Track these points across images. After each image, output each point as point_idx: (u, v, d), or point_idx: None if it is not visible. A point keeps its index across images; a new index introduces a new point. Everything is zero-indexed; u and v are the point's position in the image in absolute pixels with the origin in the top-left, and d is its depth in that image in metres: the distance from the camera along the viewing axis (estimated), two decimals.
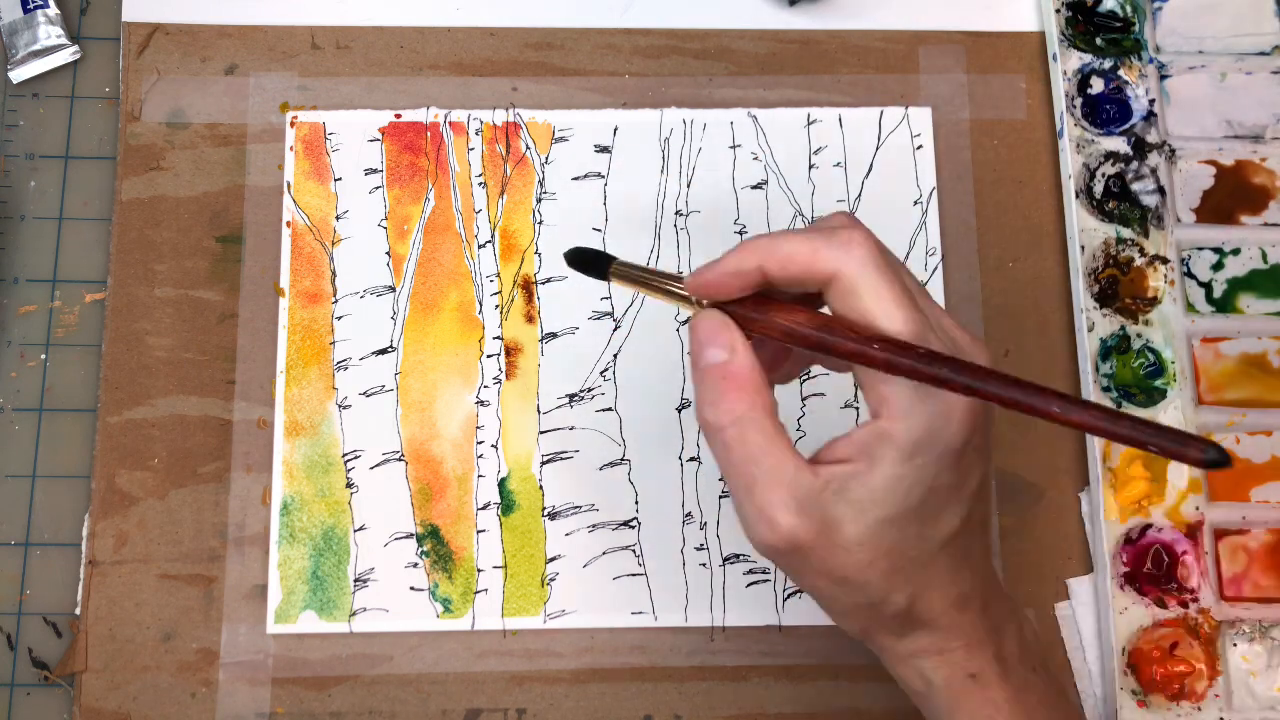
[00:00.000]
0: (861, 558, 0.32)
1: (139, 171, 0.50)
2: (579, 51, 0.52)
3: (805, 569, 0.33)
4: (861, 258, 0.32)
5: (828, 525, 0.32)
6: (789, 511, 0.32)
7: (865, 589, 0.33)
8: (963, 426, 0.32)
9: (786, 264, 0.32)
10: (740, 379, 0.33)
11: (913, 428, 0.31)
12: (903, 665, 0.36)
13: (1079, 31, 0.52)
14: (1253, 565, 0.47)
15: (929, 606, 0.34)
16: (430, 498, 0.48)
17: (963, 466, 0.32)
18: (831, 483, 0.32)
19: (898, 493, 0.32)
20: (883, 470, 0.32)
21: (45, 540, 0.47)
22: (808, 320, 0.33)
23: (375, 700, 0.46)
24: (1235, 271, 0.50)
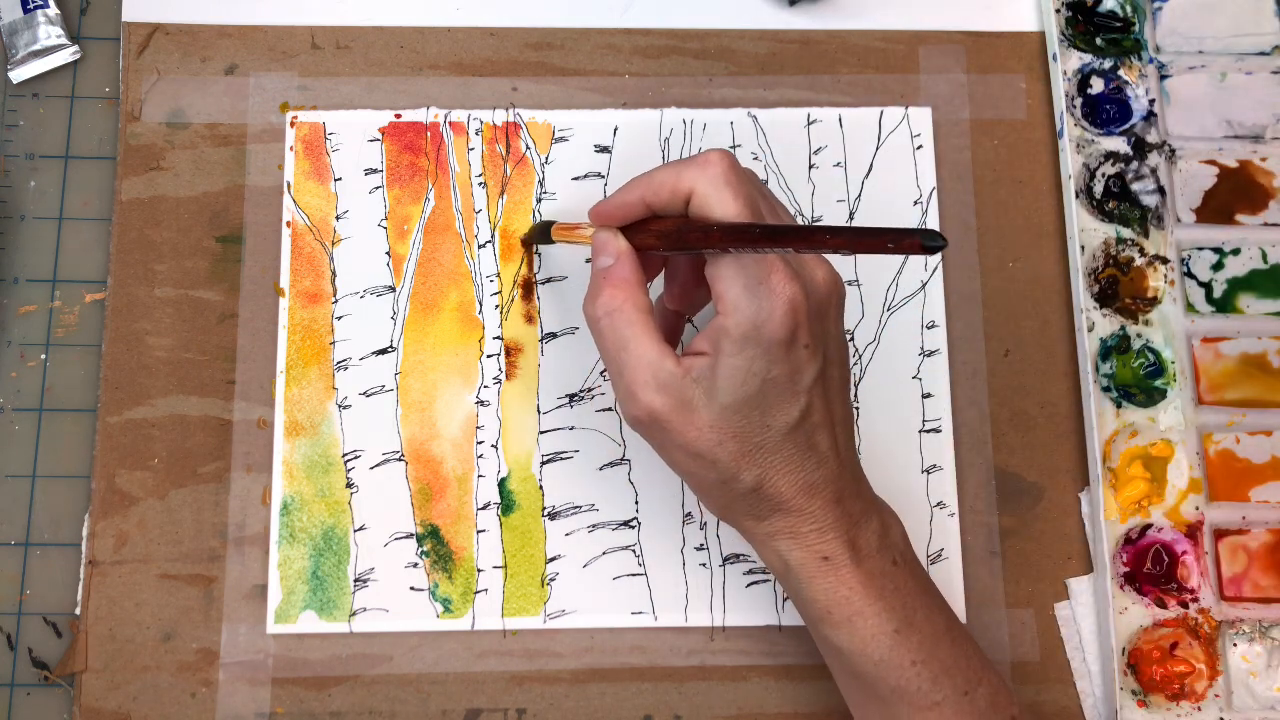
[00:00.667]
0: (712, 437, 0.38)
1: (139, 171, 0.50)
2: (579, 51, 0.52)
3: (666, 442, 0.39)
4: (713, 174, 0.37)
5: (683, 404, 0.37)
6: (650, 389, 0.38)
7: (716, 466, 0.38)
8: (784, 319, 0.36)
9: (659, 189, 0.39)
10: (616, 278, 0.39)
11: (740, 322, 0.36)
12: (763, 547, 0.40)
13: (1079, 31, 0.52)
14: (1253, 565, 0.47)
15: (777, 489, 0.38)
16: (430, 498, 0.48)
17: (792, 360, 0.37)
18: (690, 370, 0.38)
19: (735, 380, 0.37)
20: (723, 361, 0.37)
21: (45, 540, 0.47)
22: (671, 221, 0.39)
23: (375, 700, 0.46)
24: (1235, 271, 0.50)
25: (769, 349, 0.36)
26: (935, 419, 0.49)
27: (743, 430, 0.37)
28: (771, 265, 0.36)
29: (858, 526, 0.39)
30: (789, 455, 0.38)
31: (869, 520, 0.40)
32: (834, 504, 0.39)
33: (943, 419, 0.49)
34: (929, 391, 0.49)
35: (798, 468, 0.38)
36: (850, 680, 0.41)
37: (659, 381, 0.38)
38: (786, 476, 0.38)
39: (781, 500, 0.39)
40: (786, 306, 0.36)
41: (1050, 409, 0.50)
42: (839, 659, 0.40)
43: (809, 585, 0.39)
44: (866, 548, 0.39)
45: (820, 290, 0.38)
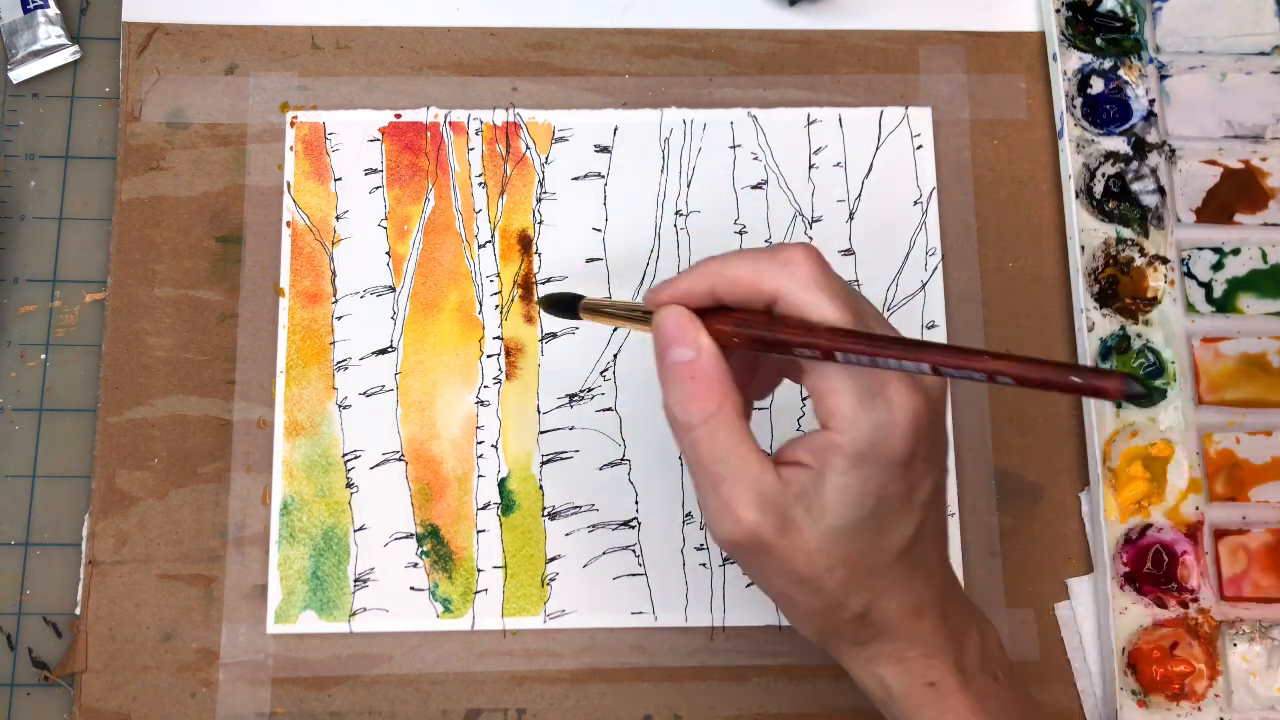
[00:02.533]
0: (820, 562, 0.33)
1: (139, 171, 0.50)
2: (579, 51, 0.52)
3: (767, 567, 0.34)
4: (803, 277, 0.33)
5: (788, 525, 0.33)
6: (752, 508, 0.33)
7: (822, 592, 0.34)
8: (906, 435, 0.32)
9: (734, 285, 0.34)
10: (708, 377, 0.33)
11: (858, 439, 0.32)
12: (863, 672, 0.37)
13: (1079, 31, 0.52)
14: (1253, 565, 0.47)
15: (885, 614, 0.35)
16: (430, 498, 0.48)
17: (911, 476, 0.33)
18: (791, 484, 0.33)
19: (849, 501, 0.33)
20: (833, 479, 0.33)
21: (45, 540, 0.47)
22: (758, 317, 0.34)
23: (375, 700, 0.46)
24: (1235, 271, 0.50)
25: (886, 467, 0.32)
26: None
27: (853, 553, 0.33)
28: (887, 376, 0.32)
29: (961, 645, 0.36)
30: (899, 576, 0.34)
31: (970, 634, 0.37)
32: (941, 623, 0.35)
33: None
34: None
35: (906, 588, 0.35)
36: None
37: (762, 498, 0.33)
38: (895, 599, 0.35)
39: (889, 625, 0.35)
40: (910, 423, 0.32)
41: (1050, 409, 0.50)
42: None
43: (916, 714, 0.36)
44: (971, 667, 0.36)
45: (935, 393, 0.34)
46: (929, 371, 0.30)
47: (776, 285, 0.33)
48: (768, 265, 0.33)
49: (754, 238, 0.50)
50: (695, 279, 0.34)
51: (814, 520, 0.33)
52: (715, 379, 0.33)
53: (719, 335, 0.34)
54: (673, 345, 0.34)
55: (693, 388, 0.34)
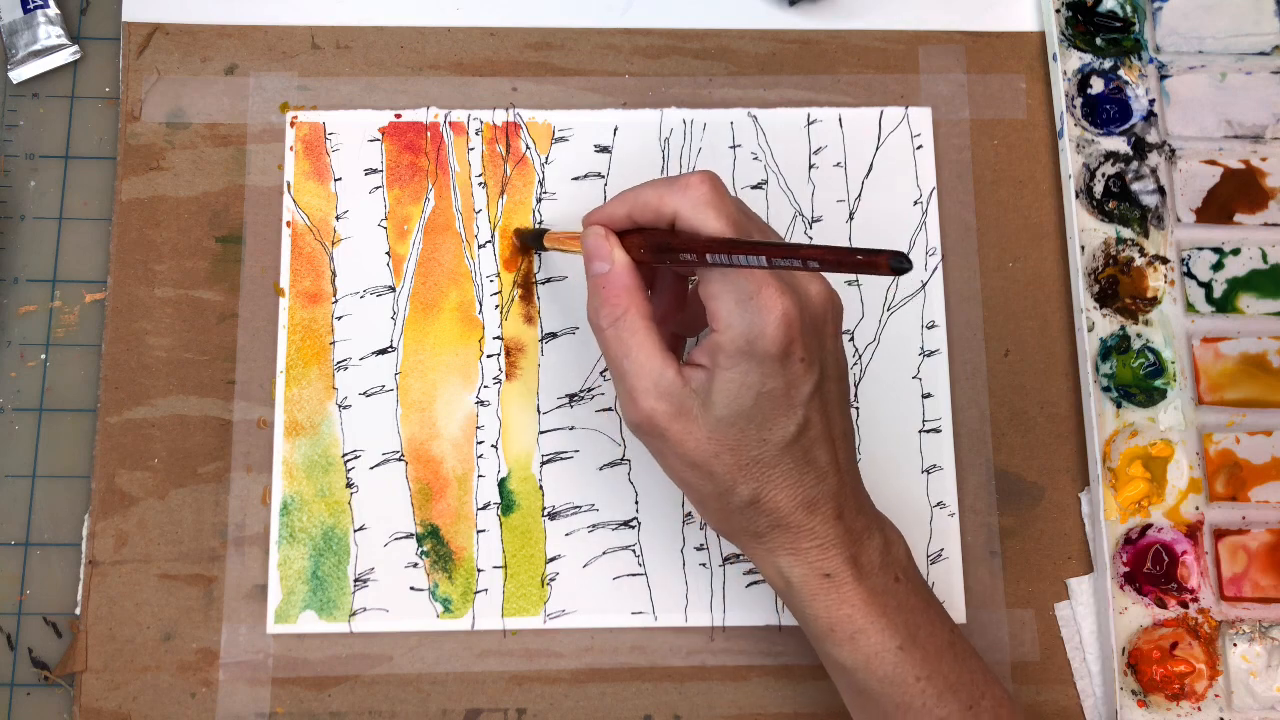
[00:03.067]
0: (709, 448, 0.38)
1: (139, 171, 0.50)
2: (579, 51, 0.52)
3: (665, 450, 0.39)
4: (695, 197, 0.38)
5: (682, 413, 0.38)
6: (650, 396, 0.38)
7: (713, 477, 0.38)
8: (777, 333, 0.36)
9: (643, 208, 0.39)
10: (617, 285, 0.39)
11: (734, 337, 0.37)
12: (763, 563, 0.40)
13: (1079, 31, 0.52)
14: (1253, 565, 0.47)
15: (775, 503, 0.38)
16: (430, 498, 0.48)
17: (788, 373, 0.37)
18: (691, 381, 0.38)
19: (730, 394, 0.37)
20: (718, 374, 0.37)
21: (45, 540, 0.47)
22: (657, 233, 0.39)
23: (375, 700, 0.46)
24: (1235, 271, 0.50)
25: (762, 363, 0.37)
26: (935, 419, 0.49)
27: (739, 443, 0.37)
28: (762, 281, 0.36)
29: (860, 543, 0.39)
30: (787, 469, 0.38)
31: (871, 536, 0.40)
32: (835, 519, 0.39)
33: (943, 419, 0.49)
34: (929, 391, 0.49)
35: (796, 482, 0.38)
36: (855, 697, 0.41)
37: (659, 389, 0.38)
38: (785, 491, 0.38)
39: (780, 516, 0.38)
40: (779, 320, 0.36)
41: (1050, 409, 0.50)
42: (843, 676, 0.40)
43: (811, 603, 0.39)
44: (869, 564, 0.39)
45: (815, 305, 0.38)
46: (764, 264, 0.34)
47: (675, 206, 0.38)
48: (669, 189, 0.38)
49: None
50: (616, 204, 0.40)
51: (704, 411, 0.37)
52: (624, 286, 0.39)
53: (631, 250, 0.40)
54: (593, 259, 0.40)
55: (605, 294, 0.39)
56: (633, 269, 0.39)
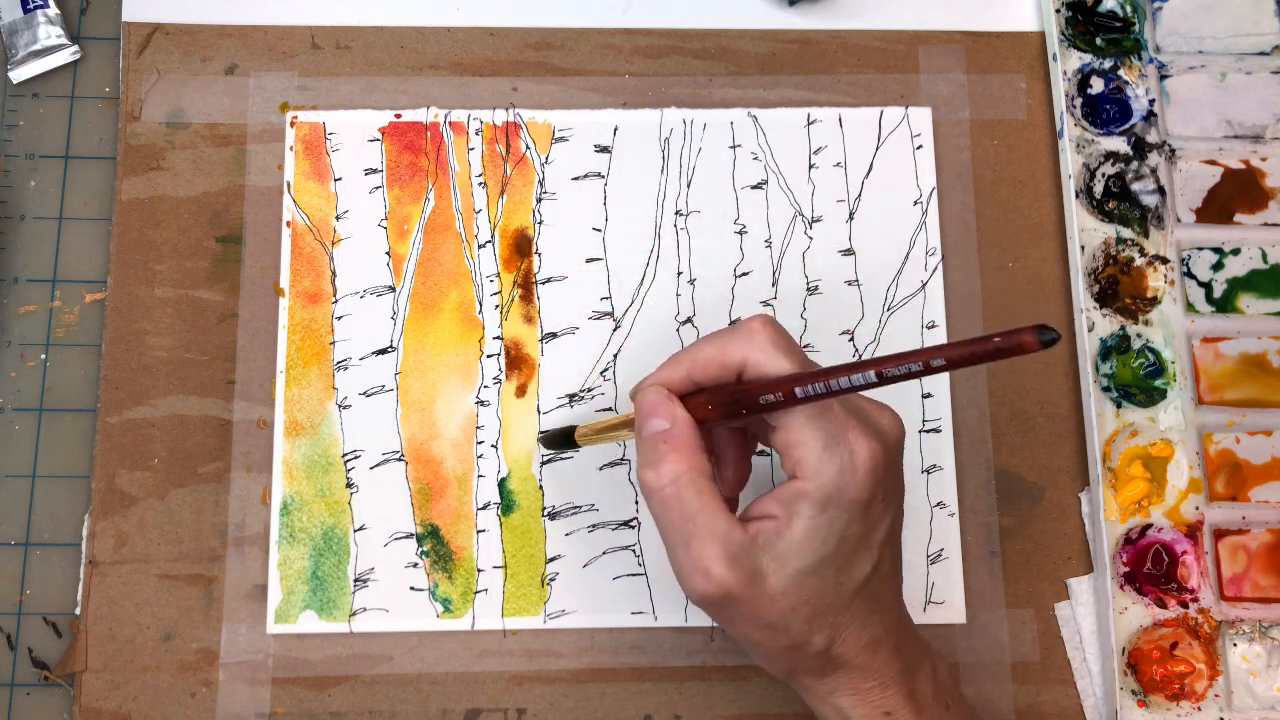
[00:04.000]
0: (785, 605, 0.36)
1: (139, 171, 0.50)
2: (579, 51, 0.52)
3: (735, 616, 0.36)
4: (761, 342, 0.36)
5: (756, 575, 0.35)
6: (721, 564, 0.35)
7: (789, 633, 0.36)
8: (867, 478, 0.35)
9: (705, 365, 0.37)
10: (677, 443, 0.37)
11: (824, 484, 0.35)
12: (823, 704, 0.39)
13: (1079, 31, 0.52)
14: (1253, 565, 0.47)
15: (845, 648, 0.37)
16: (430, 498, 0.48)
17: (871, 516, 0.36)
18: (758, 537, 0.36)
19: (814, 543, 0.35)
20: (800, 524, 0.35)
21: (45, 540, 0.47)
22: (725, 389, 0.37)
23: (375, 700, 0.46)
24: (1235, 271, 0.50)
25: (850, 507, 0.35)
26: (935, 419, 0.49)
27: (816, 592, 0.36)
28: (846, 423, 0.35)
29: (915, 676, 0.38)
30: (857, 612, 0.37)
31: (923, 666, 0.39)
32: (895, 656, 0.38)
33: (943, 419, 0.49)
34: (929, 391, 0.49)
35: (864, 624, 0.37)
36: None
37: (729, 554, 0.35)
38: (854, 634, 0.37)
39: (848, 658, 0.37)
40: (869, 465, 0.35)
41: (1050, 409, 0.50)
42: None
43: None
44: (924, 696, 0.38)
45: (891, 439, 0.37)
46: (875, 380, 0.32)
47: (742, 354, 0.36)
48: (730, 340, 0.37)
49: (754, 237, 0.50)
50: (671, 368, 0.38)
51: (780, 566, 0.35)
52: (685, 443, 0.36)
53: (695, 411, 0.37)
54: (649, 418, 0.37)
55: (664, 450, 0.36)
56: (693, 424, 0.37)
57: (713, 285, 0.50)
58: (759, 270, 0.50)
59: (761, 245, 0.50)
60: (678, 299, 0.50)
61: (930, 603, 0.47)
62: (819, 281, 0.50)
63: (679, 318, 0.50)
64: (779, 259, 0.50)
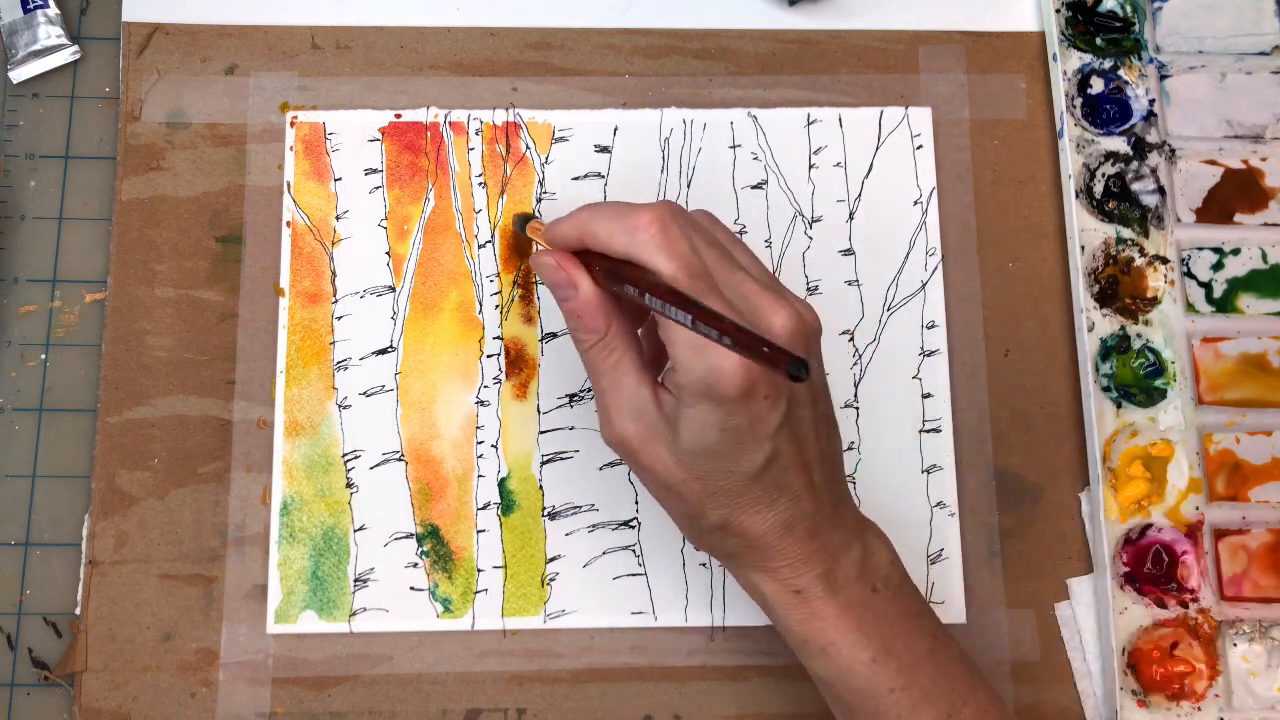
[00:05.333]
0: (677, 474, 0.38)
1: (139, 171, 0.50)
2: (579, 51, 0.52)
3: (638, 468, 0.39)
4: (644, 241, 0.37)
5: (654, 436, 0.38)
6: (624, 417, 0.38)
7: (683, 500, 0.38)
8: (735, 378, 0.36)
9: (593, 239, 0.39)
10: (589, 308, 0.39)
11: (693, 381, 0.36)
12: (739, 577, 0.41)
13: (1079, 31, 0.52)
14: (1253, 565, 0.47)
15: (744, 527, 0.38)
16: (430, 498, 0.48)
17: (752, 411, 0.36)
18: (664, 405, 0.38)
19: (693, 430, 0.37)
20: (682, 411, 0.37)
21: (45, 540, 0.47)
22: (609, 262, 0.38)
23: (375, 700, 0.46)
24: (1235, 271, 0.50)
25: (722, 403, 0.36)
26: (935, 419, 0.49)
27: (706, 473, 0.37)
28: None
29: (835, 558, 0.39)
30: (756, 497, 0.38)
31: (849, 550, 0.39)
32: (808, 539, 0.39)
33: (943, 419, 0.49)
34: (929, 391, 0.49)
35: (766, 508, 0.38)
36: (835, 705, 0.41)
37: (634, 409, 0.38)
38: (755, 517, 0.38)
39: (751, 538, 0.38)
40: (737, 365, 0.35)
41: (1050, 409, 0.50)
42: (822, 687, 0.41)
43: (784, 617, 0.39)
44: (843, 578, 0.39)
45: (782, 336, 0.37)
46: (688, 323, 0.34)
47: (624, 246, 0.38)
48: (619, 227, 0.38)
49: (754, 237, 0.50)
50: (569, 226, 0.39)
51: (674, 438, 0.38)
52: (596, 309, 0.39)
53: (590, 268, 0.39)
54: (556, 287, 0.40)
55: (581, 320, 0.39)
56: (599, 295, 0.39)
57: None
58: None
59: (761, 245, 0.50)
60: None
61: (930, 603, 0.47)
62: (819, 281, 0.50)
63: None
64: (779, 259, 0.50)
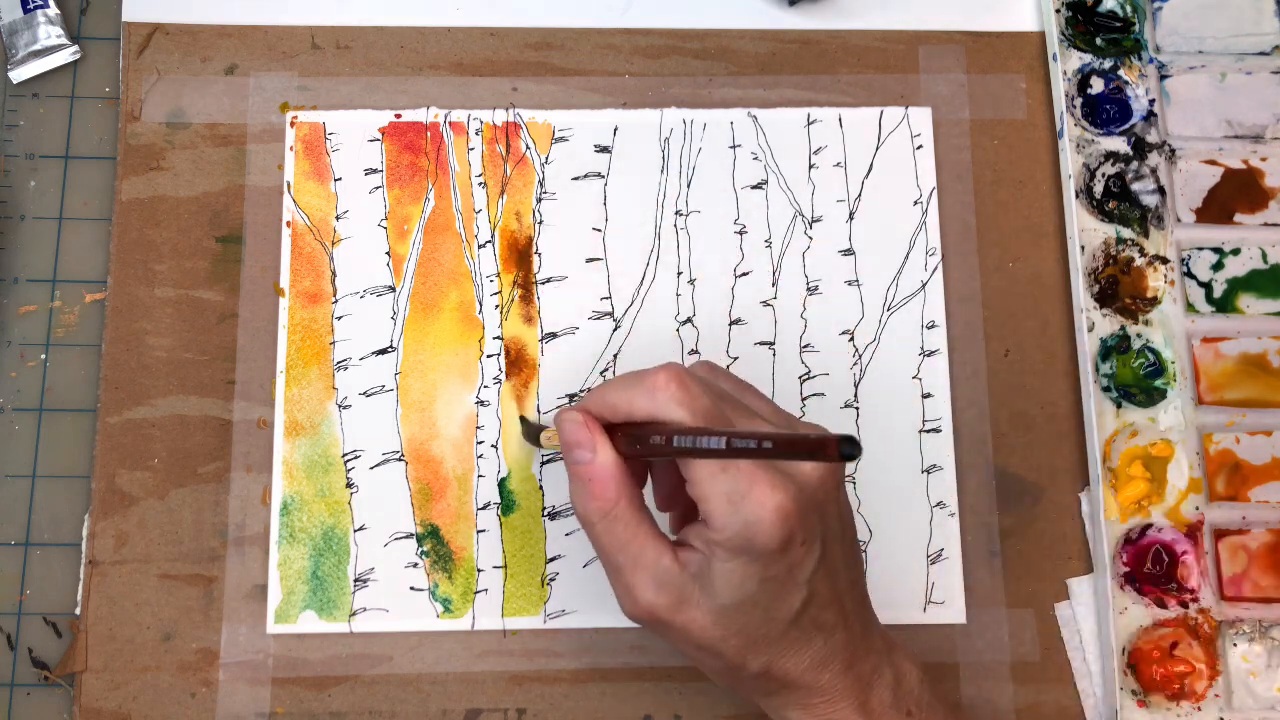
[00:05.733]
0: (715, 633, 0.37)
1: (139, 171, 0.50)
2: (579, 51, 0.52)
3: (671, 636, 0.38)
4: (663, 400, 0.36)
5: (684, 602, 0.37)
6: (649, 590, 0.37)
7: (723, 657, 0.37)
8: (774, 529, 0.35)
9: (615, 411, 0.38)
10: (604, 477, 0.37)
11: (731, 536, 0.35)
12: (774, 714, 0.40)
13: (1079, 31, 0.52)
14: (1253, 565, 0.47)
15: (785, 670, 0.38)
16: (430, 498, 0.48)
17: (790, 558, 0.36)
18: (688, 566, 0.37)
19: (732, 584, 0.36)
20: (717, 566, 0.36)
21: (45, 540, 0.47)
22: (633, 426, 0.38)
23: (375, 700, 0.46)
24: (1235, 271, 0.50)
25: (763, 555, 0.35)
26: (935, 419, 0.49)
27: (744, 626, 0.37)
28: (753, 476, 0.35)
29: (869, 687, 0.39)
30: (794, 640, 0.37)
31: (881, 675, 0.39)
32: (844, 672, 0.38)
33: (943, 419, 0.49)
34: (929, 391, 0.49)
35: (804, 649, 0.38)
36: None
37: (658, 580, 0.37)
38: (794, 659, 0.37)
39: (790, 679, 0.38)
40: (775, 517, 0.35)
41: (1050, 409, 0.50)
42: None
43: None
44: (879, 706, 0.39)
45: (811, 486, 0.37)
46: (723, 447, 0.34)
47: (645, 408, 0.37)
48: (636, 391, 0.37)
49: (754, 237, 0.50)
50: (589, 403, 0.39)
51: (707, 598, 0.36)
52: (611, 478, 0.37)
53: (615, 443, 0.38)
54: (572, 449, 0.38)
55: (591, 487, 0.37)
56: (618, 461, 0.38)
57: (713, 285, 0.50)
58: (759, 270, 0.50)
59: (761, 245, 0.50)
60: (678, 299, 0.50)
61: (930, 603, 0.48)
62: (819, 281, 0.50)
63: (679, 318, 0.50)
64: (779, 259, 0.50)
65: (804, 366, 0.49)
